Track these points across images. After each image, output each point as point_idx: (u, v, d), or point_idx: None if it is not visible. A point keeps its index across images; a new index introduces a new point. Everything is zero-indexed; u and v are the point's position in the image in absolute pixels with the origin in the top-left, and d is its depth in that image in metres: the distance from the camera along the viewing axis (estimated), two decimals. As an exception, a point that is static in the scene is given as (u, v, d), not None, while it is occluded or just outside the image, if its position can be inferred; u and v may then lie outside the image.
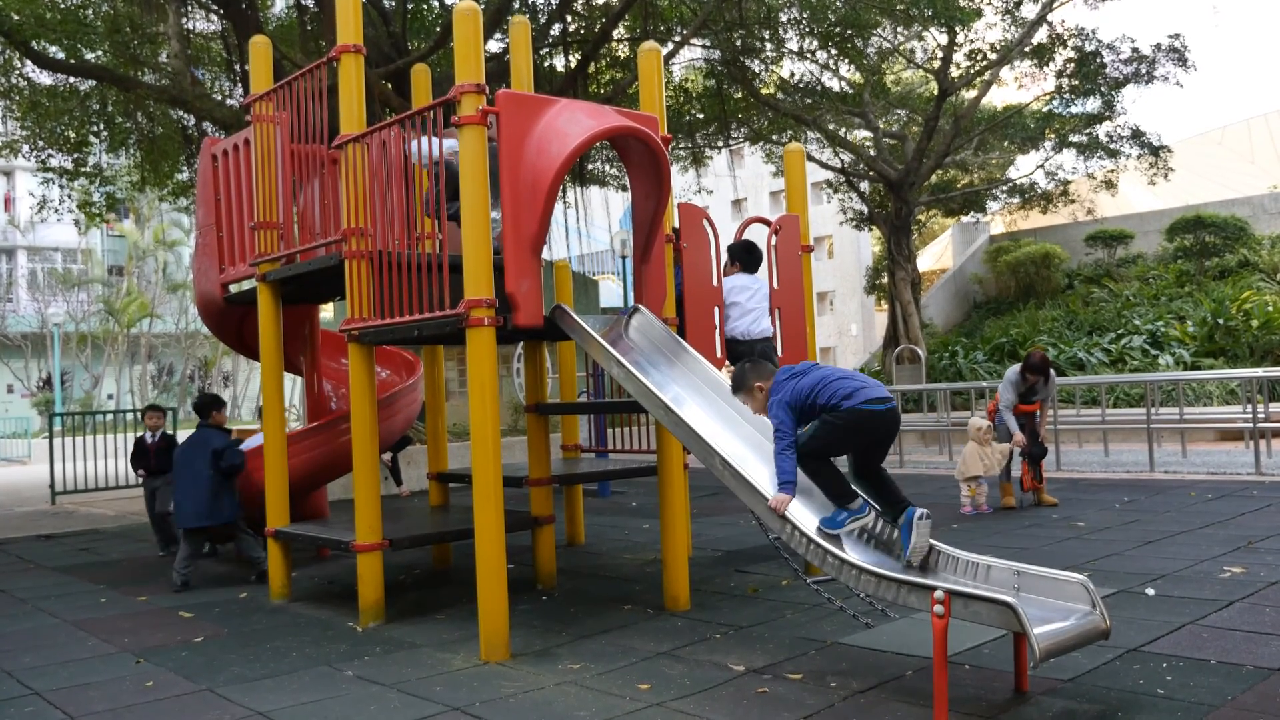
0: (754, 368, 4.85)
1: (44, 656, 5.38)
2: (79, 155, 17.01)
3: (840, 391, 4.51)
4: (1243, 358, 19.80)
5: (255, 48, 6.95)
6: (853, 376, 4.65)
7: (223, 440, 7.37)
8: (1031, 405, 9.11)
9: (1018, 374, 9.02)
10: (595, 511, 10.34)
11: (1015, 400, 9.02)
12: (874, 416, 4.49)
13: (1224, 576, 5.91)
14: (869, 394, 4.50)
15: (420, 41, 15.88)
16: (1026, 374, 8.96)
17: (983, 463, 8.88)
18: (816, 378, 4.61)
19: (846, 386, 4.53)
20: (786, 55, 20.77)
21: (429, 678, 4.63)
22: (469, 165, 4.99)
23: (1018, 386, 9.04)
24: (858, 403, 4.46)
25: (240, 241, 6.99)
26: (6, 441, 30.96)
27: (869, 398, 4.48)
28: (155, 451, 8.81)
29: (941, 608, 3.69)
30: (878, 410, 4.49)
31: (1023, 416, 9.08)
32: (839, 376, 4.62)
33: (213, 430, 7.50)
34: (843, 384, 4.55)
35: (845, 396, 4.48)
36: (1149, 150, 23.07)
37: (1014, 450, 8.99)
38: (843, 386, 4.53)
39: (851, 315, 36.06)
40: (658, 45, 6.55)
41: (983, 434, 8.94)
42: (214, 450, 7.21)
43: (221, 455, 7.20)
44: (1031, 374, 8.95)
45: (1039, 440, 9.16)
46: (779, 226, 6.85)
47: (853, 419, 4.47)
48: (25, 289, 42.42)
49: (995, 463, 8.94)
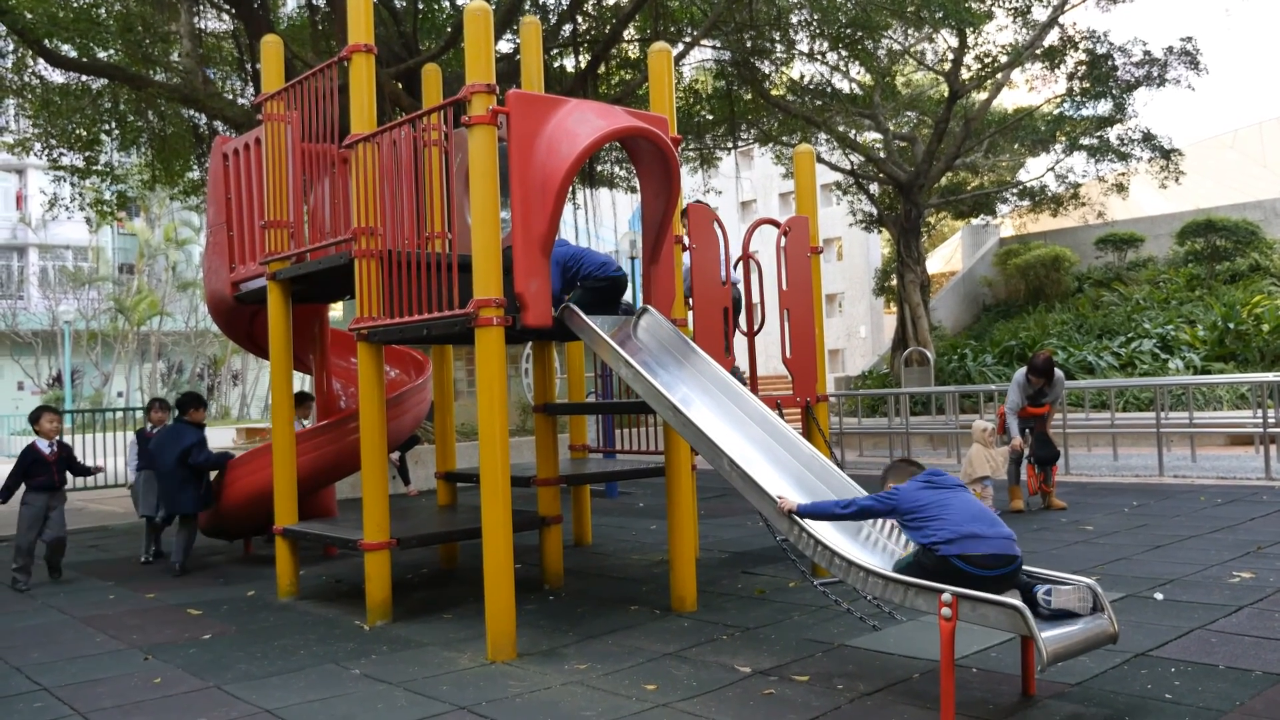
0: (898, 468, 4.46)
1: (52, 653, 5.40)
2: (90, 153, 17.06)
3: (945, 533, 3.94)
4: (1253, 362, 19.71)
5: (266, 47, 6.97)
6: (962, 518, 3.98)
7: (194, 437, 7.72)
8: (1040, 408, 9.09)
9: (1024, 377, 9.01)
10: (603, 512, 10.35)
11: (1021, 403, 9.00)
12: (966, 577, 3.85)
13: (1233, 581, 5.89)
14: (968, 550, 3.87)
15: (431, 41, 15.90)
16: (1031, 376, 8.94)
17: (989, 464, 8.86)
18: (932, 498, 4.09)
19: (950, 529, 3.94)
20: (797, 56, 20.72)
21: (435, 676, 4.64)
22: (478, 165, 5.00)
23: (1024, 389, 9.02)
24: (953, 553, 3.88)
25: (251, 240, 7.01)
26: (17, 438, 31.08)
27: (967, 555, 3.86)
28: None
29: (949, 610, 3.68)
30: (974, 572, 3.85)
31: (1033, 419, 9.06)
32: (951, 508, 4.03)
33: (187, 426, 7.86)
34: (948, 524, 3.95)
35: (945, 541, 3.92)
36: (1160, 153, 22.97)
37: (1011, 454, 8.97)
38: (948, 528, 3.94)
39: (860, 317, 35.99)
40: (668, 46, 6.55)
41: (987, 435, 8.93)
42: (183, 448, 7.61)
43: (189, 452, 7.58)
44: (1036, 376, 8.93)
45: (1049, 444, 9.13)
46: (788, 228, 6.85)
47: (941, 568, 3.89)
48: (36, 286, 42.60)
49: (1001, 464, 8.92)
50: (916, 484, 4.22)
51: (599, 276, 5.80)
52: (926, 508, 4.06)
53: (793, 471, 4.92)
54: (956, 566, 3.85)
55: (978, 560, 3.84)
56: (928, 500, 4.09)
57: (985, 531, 3.92)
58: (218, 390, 45.82)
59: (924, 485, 4.20)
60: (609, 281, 5.82)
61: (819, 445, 6.21)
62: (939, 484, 4.19)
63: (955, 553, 3.87)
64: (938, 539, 3.93)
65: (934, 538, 3.94)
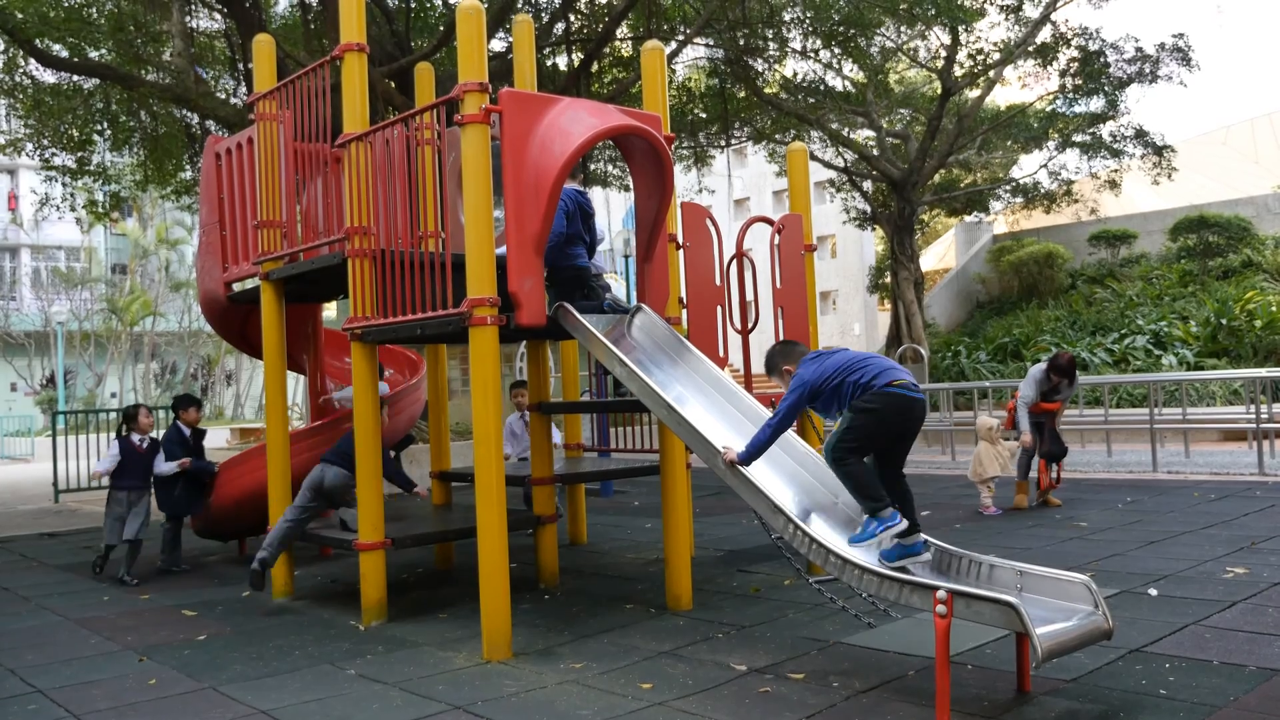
0: (783, 350, 4.86)
1: (47, 654, 5.39)
2: (82, 154, 17.01)
3: (867, 370, 4.40)
4: (1246, 358, 19.77)
5: (259, 46, 6.95)
6: (883, 361, 4.52)
7: (166, 435, 7.91)
8: (1053, 404, 9.06)
9: (1043, 372, 8.94)
10: (598, 510, 10.34)
11: (1035, 398, 8.94)
12: (905, 401, 4.36)
13: (1227, 577, 5.90)
14: (896, 376, 4.37)
15: (424, 40, 15.87)
16: (1052, 374, 8.90)
17: (998, 461, 8.85)
18: (844, 358, 4.52)
19: (872, 366, 4.42)
20: (790, 54, 20.74)
21: (431, 676, 4.64)
22: (471, 164, 4.99)
23: (1041, 384, 8.96)
24: (885, 384, 4.33)
25: (244, 240, 6.99)
26: (10, 440, 31.01)
27: (899, 380, 4.36)
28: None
29: (944, 608, 3.69)
30: (909, 395, 4.37)
31: (1043, 415, 9.04)
32: (868, 357, 4.53)
33: (173, 428, 8.00)
34: (870, 365, 4.43)
35: (875, 376, 4.36)
36: (1152, 150, 23.03)
37: (1021, 449, 8.97)
38: (870, 367, 4.42)
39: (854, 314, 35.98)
40: (661, 44, 6.55)
41: (993, 433, 8.92)
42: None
43: (157, 449, 7.73)
44: (1057, 375, 8.88)
45: (1059, 439, 9.11)
46: (782, 226, 6.85)
47: (887, 404, 4.33)
48: (29, 287, 42.49)
49: (1009, 461, 8.92)
50: (811, 360, 4.61)
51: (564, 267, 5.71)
52: (839, 369, 4.46)
53: (788, 470, 4.92)
54: (896, 392, 4.33)
55: (905, 385, 4.36)
56: (833, 365, 4.49)
57: (895, 364, 4.49)
58: (211, 390, 45.77)
59: (816, 357, 4.63)
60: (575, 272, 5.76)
61: (813, 443, 6.21)
62: (827, 351, 4.64)
63: (887, 381, 4.34)
64: (868, 378, 4.37)
65: (865, 378, 4.37)
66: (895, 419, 4.39)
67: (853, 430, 4.36)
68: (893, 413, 4.36)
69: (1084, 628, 3.78)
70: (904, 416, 4.40)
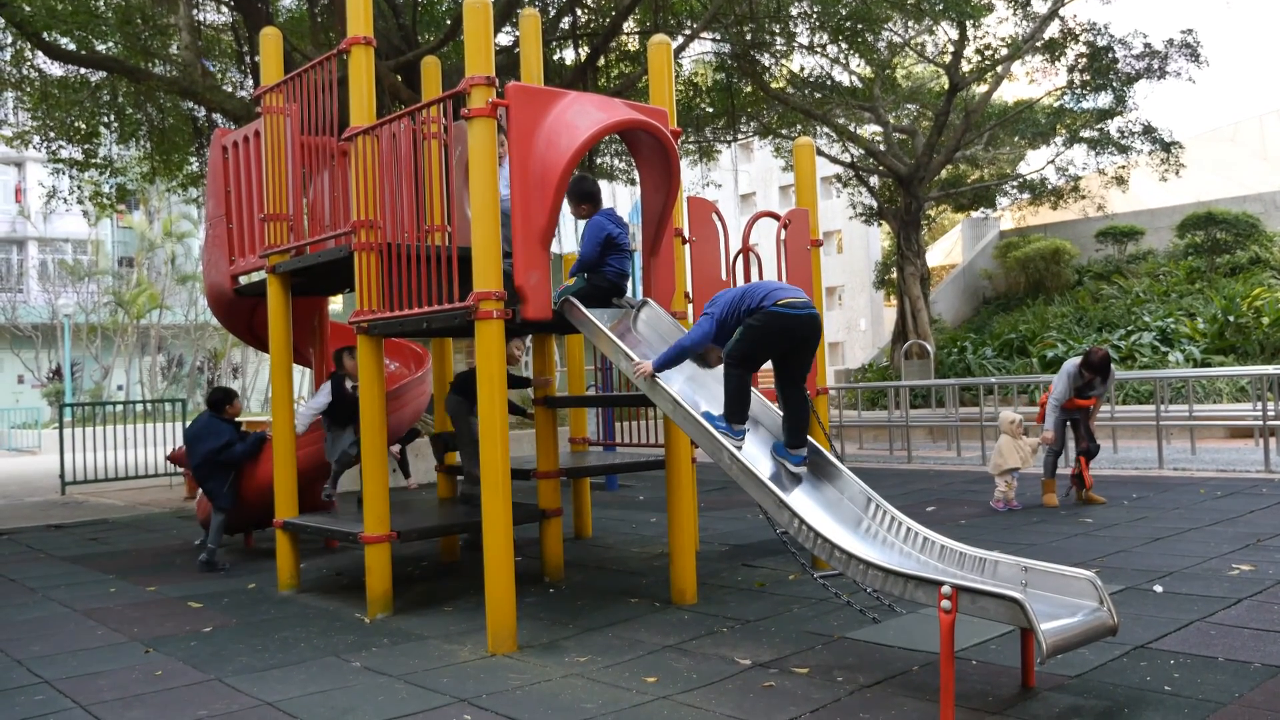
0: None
1: (53, 645, 5.41)
2: (89, 146, 17.02)
3: (758, 293, 4.82)
4: (1253, 355, 19.72)
5: (266, 40, 6.95)
6: (777, 284, 5.01)
7: (220, 439, 7.50)
8: (1087, 400, 8.99)
9: (1076, 368, 8.84)
10: (603, 505, 10.35)
11: (1068, 394, 8.86)
12: (790, 319, 4.74)
13: (1232, 574, 5.89)
14: (783, 296, 4.77)
15: (430, 34, 15.86)
16: (1084, 370, 8.83)
17: (1018, 454, 8.81)
18: (743, 288, 4.99)
19: (763, 289, 4.87)
20: (797, 49, 20.71)
21: (436, 669, 4.65)
22: (478, 158, 4.99)
23: (1074, 380, 8.87)
24: (772, 304, 4.72)
25: (250, 233, 7.00)
26: (17, 432, 31.11)
27: (785, 299, 4.74)
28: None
29: (949, 603, 3.69)
30: (794, 313, 4.74)
31: (1077, 411, 8.98)
32: (764, 284, 5.06)
33: (221, 423, 7.65)
34: (762, 288, 4.90)
35: (762, 298, 4.77)
36: (1160, 146, 22.95)
37: (1047, 449, 8.93)
38: (761, 289, 4.88)
39: (860, 310, 35.97)
40: (668, 38, 6.54)
41: (1015, 427, 8.88)
42: (209, 448, 7.43)
43: (218, 452, 7.42)
44: (1090, 371, 8.80)
45: (1092, 437, 9.05)
46: (788, 221, 6.84)
47: (769, 321, 4.73)
48: (36, 280, 42.57)
49: (1030, 455, 8.87)
50: (723, 295, 4.99)
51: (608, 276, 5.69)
52: (742, 296, 4.87)
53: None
54: (779, 310, 4.71)
55: (788, 303, 4.73)
56: (736, 292, 4.94)
57: (786, 287, 4.92)
58: (217, 383, 45.83)
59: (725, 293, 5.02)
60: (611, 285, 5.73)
61: (819, 438, 6.20)
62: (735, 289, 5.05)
63: (774, 301, 4.73)
64: (757, 301, 4.77)
65: (753, 302, 4.78)
66: (778, 334, 4.78)
67: (739, 342, 4.79)
68: (776, 328, 4.76)
69: (1089, 624, 3.77)
70: (787, 332, 4.79)
